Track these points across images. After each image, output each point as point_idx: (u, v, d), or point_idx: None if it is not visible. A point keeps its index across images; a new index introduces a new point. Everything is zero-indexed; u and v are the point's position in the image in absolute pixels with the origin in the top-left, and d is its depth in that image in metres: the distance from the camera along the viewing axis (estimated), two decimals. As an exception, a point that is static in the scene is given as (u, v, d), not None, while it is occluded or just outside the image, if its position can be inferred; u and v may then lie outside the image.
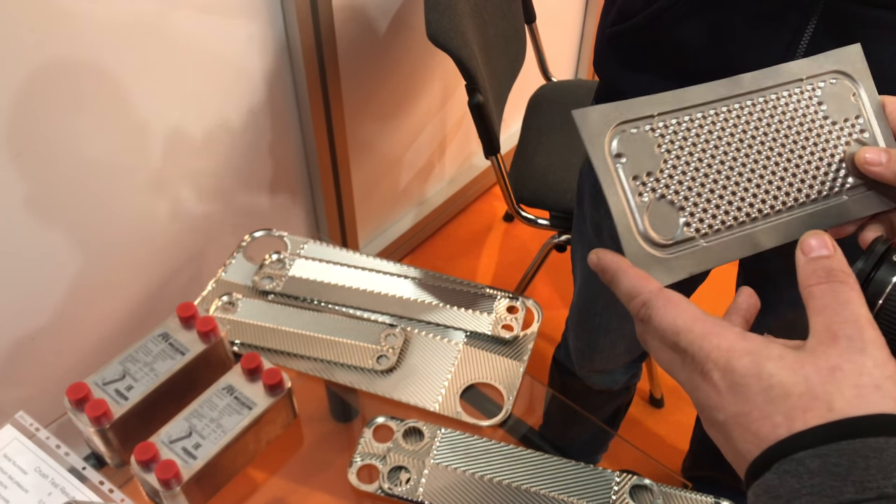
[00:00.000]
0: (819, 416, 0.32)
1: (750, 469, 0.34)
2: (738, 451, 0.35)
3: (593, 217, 0.92)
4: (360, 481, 0.68)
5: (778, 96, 0.46)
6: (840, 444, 0.31)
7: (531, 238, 2.01)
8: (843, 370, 0.33)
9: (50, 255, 1.09)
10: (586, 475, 0.69)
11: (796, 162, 0.45)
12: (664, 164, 0.43)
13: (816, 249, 0.38)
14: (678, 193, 0.43)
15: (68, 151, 1.04)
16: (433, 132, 1.79)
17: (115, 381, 0.67)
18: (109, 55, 1.02)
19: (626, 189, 0.42)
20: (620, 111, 0.42)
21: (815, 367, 0.34)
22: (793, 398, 0.33)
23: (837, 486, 0.30)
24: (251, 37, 1.19)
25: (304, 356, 0.79)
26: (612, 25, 0.74)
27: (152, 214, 1.21)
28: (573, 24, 2.10)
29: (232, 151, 1.28)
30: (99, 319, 1.22)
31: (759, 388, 0.34)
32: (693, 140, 0.43)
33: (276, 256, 0.89)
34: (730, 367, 0.35)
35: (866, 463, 0.31)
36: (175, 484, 0.61)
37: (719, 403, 0.36)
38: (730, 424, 0.35)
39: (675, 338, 0.38)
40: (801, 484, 0.31)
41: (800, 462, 0.32)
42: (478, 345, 0.80)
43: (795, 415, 0.33)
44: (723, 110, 0.44)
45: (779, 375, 0.34)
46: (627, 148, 0.42)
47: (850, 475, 0.30)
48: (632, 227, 0.42)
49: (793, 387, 0.33)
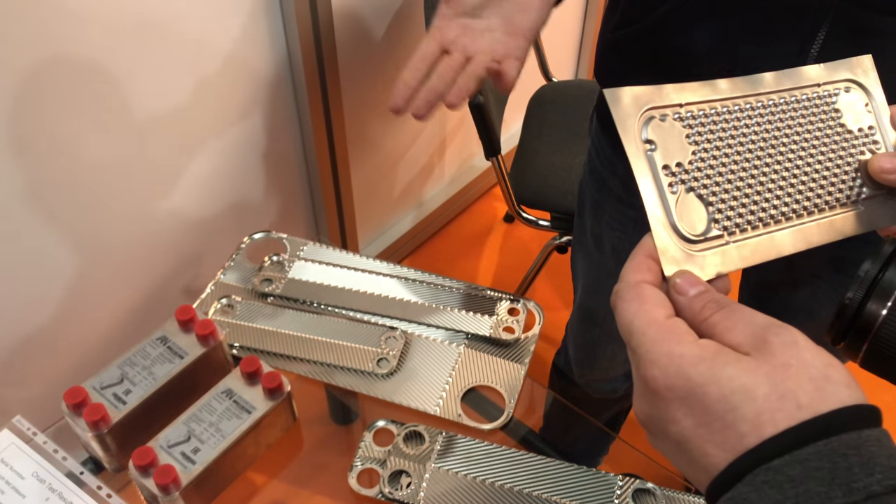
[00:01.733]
0: (789, 417, 0.31)
1: (716, 482, 0.32)
2: (698, 465, 0.33)
3: (593, 228, 0.91)
4: (360, 485, 0.68)
5: (797, 99, 0.45)
6: (818, 446, 0.30)
7: (532, 239, 2.00)
8: (793, 366, 0.32)
9: (48, 255, 1.09)
10: (589, 479, 0.68)
11: (816, 167, 0.45)
12: (693, 157, 0.41)
13: (693, 287, 0.38)
14: (706, 188, 0.41)
15: (68, 150, 1.03)
16: (433, 133, 1.79)
17: (113, 385, 0.66)
18: (110, 54, 1.01)
19: (659, 177, 0.40)
20: (651, 95, 0.41)
21: (771, 367, 0.32)
22: (759, 401, 0.31)
23: (824, 492, 0.29)
24: (251, 38, 1.19)
25: (303, 359, 0.78)
26: (614, 31, 0.73)
27: (151, 215, 1.21)
28: (574, 24, 2.10)
29: (231, 152, 1.28)
30: (97, 321, 1.22)
31: (718, 394, 0.32)
32: (720, 134, 0.42)
33: (276, 258, 0.89)
34: (683, 375, 0.33)
35: (847, 462, 0.29)
36: (174, 489, 0.60)
37: (670, 416, 0.34)
38: (686, 436, 0.33)
39: (628, 336, 0.37)
40: (783, 495, 0.29)
41: (778, 471, 0.30)
42: (479, 347, 0.80)
43: (763, 419, 0.31)
44: (747, 106, 0.43)
45: (739, 379, 0.32)
46: (658, 135, 0.41)
47: (835, 478, 0.29)
48: (663, 217, 0.40)
49: (756, 388, 0.32)
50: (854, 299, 0.39)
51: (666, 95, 0.41)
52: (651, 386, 0.35)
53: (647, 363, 0.35)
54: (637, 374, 0.36)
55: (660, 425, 0.35)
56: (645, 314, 0.36)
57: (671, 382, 0.34)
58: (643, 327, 0.36)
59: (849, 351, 0.40)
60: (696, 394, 0.33)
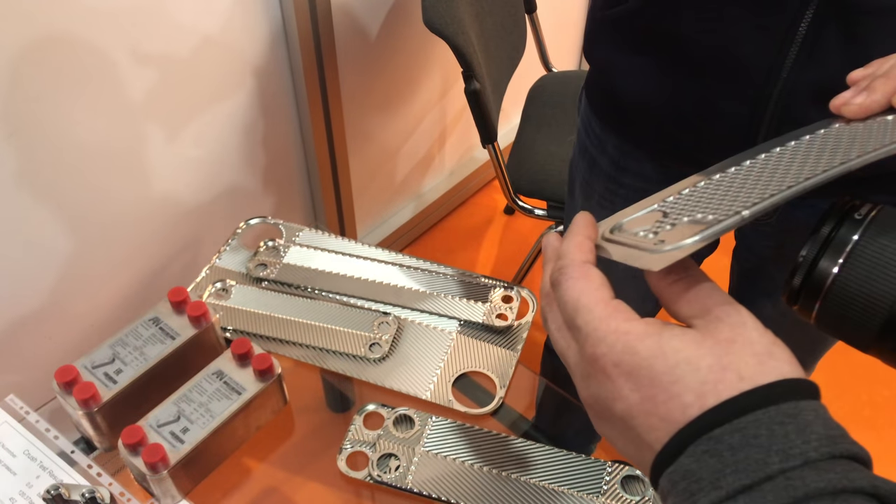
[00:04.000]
0: (731, 387, 0.31)
1: (660, 457, 0.32)
2: (643, 441, 0.33)
3: (584, 207, 0.92)
4: (349, 468, 0.68)
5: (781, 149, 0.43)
6: (756, 414, 0.30)
7: (531, 231, 2.00)
8: (737, 342, 0.33)
9: (42, 238, 1.09)
10: (578, 465, 0.68)
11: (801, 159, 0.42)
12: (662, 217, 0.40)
13: None
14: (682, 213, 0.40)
15: (62, 133, 1.03)
16: (433, 123, 1.78)
17: (104, 365, 0.67)
18: (105, 38, 1.01)
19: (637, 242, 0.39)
20: None
21: (715, 341, 0.33)
22: (702, 371, 0.32)
23: (762, 459, 0.29)
24: (248, 24, 1.19)
25: (296, 343, 0.78)
26: (601, 10, 0.73)
27: (147, 200, 1.21)
28: (575, 13, 2.09)
29: (228, 139, 1.28)
30: (91, 305, 1.22)
31: (664, 366, 0.33)
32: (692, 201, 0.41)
33: (271, 244, 0.89)
34: (630, 350, 0.34)
35: (784, 430, 0.30)
36: (162, 468, 0.61)
37: (616, 392, 0.34)
38: (632, 413, 0.34)
39: (573, 314, 0.37)
40: (723, 463, 0.30)
41: (718, 440, 0.30)
42: (471, 333, 0.80)
43: (706, 389, 0.32)
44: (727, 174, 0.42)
45: (685, 351, 0.33)
46: None
47: (772, 445, 0.30)
48: None
49: (700, 359, 0.32)
50: (807, 257, 0.39)
51: None
52: (599, 364, 0.35)
53: (595, 340, 0.35)
54: (582, 354, 0.36)
55: (605, 404, 0.35)
56: (593, 293, 0.36)
57: (618, 358, 0.34)
58: (590, 305, 0.36)
59: (803, 310, 0.40)
60: (641, 367, 0.33)
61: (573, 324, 0.37)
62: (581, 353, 0.36)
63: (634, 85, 0.72)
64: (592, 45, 0.77)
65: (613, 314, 0.35)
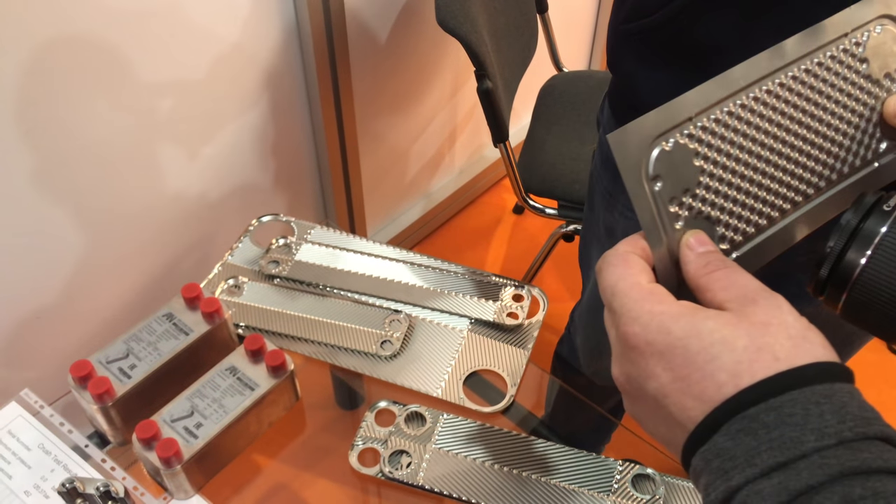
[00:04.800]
0: (766, 368, 0.32)
1: (693, 436, 0.33)
2: (675, 420, 0.34)
3: (606, 219, 0.91)
4: (360, 464, 0.68)
5: (820, 61, 0.42)
6: (792, 394, 0.31)
7: (540, 231, 2.00)
8: (773, 324, 0.33)
9: (58, 234, 1.10)
10: (588, 463, 0.68)
11: (832, 137, 0.42)
12: (701, 177, 0.40)
13: (701, 245, 0.39)
14: (714, 205, 0.41)
15: (77, 131, 1.04)
16: (443, 122, 1.79)
17: (118, 360, 0.67)
18: (119, 35, 1.02)
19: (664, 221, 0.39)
20: (658, 119, 0.39)
21: (750, 323, 0.33)
22: (737, 351, 0.32)
23: (797, 437, 0.30)
24: (263, 25, 1.19)
25: (308, 340, 0.79)
26: (624, 23, 0.72)
27: (160, 197, 1.22)
28: (586, 13, 2.09)
29: (241, 136, 1.28)
30: (105, 300, 1.23)
31: (699, 346, 0.33)
32: (731, 138, 0.40)
33: (283, 241, 0.89)
34: (664, 329, 0.34)
35: (820, 409, 0.30)
36: (175, 462, 0.61)
37: (649, 371, 0.35)
38: (664, 391, 0.34)
39: (611, 298, 0.37)
40: (758, 441, 0.30)
41: (753, 418, 0.31)
42: (482, 332, 0.80)
43: (741, 369, 0.32)
44: (762, 93, 0.41)
45: (720, 331, 0.33)
46: (664, 167, 0.39)
47: (807, 424, 0.30)
48: (666, 256, 0.39)
49: (735, 340, 0.33)
50: (834, 248, 0.39)
51: (675, 112, 0.39)
52: (631, 342, 0.35)
53: (629, 320, 0.36)
54: (617, 334, 0.37)
55: (637, 383, 0.36)
56: (630, 277, 0.37)
57: (651, 338, 0.35)
58: (626, 289, 0.37)
59: (829, 301, 0.40)
60: (675, 347, 0.34)
61: (611, 307, 0.38)
62: (617, 334, 0.37)
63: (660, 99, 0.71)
64: (615, 58, 0.76)
65: (648, 296, 0.36)
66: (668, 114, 0.39)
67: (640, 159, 0.38)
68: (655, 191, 0.39)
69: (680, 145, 0.39)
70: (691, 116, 0.39)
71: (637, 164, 0.38)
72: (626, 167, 0.38)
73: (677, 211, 0.40)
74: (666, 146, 0.39)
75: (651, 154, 0.38)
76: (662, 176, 0.39)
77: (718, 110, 0.40)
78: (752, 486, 0.30)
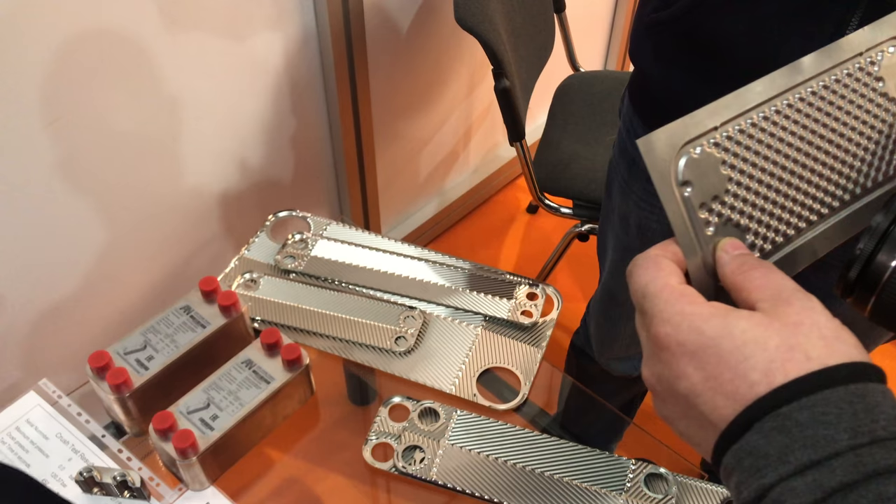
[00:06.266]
0: (799, 367, 0.32)
1: (725, 435, 0.33)
2: (706, 420, 0.34)
3: (621, 207, 0.91)
4: (374, 459, 0.69)
5: (837, 78, 0.43)
6: (825, 393, 0.31)
7: (554, 230, 2.00)
8: (805, 324, 0.33)
9: (78, 225, 1.11)
10: (601, 461, 0.68)
11: (854, 152, 0.43)
12: (729, 184, 0.41)
13: (736, 248, 0.39)
14: (743, 213, 0.41)
15: (100, 123, 1.05)
16: (459, 121, 1.79)
17: (136, 351, 0.68)
18: (143, 31, 1.03)
19: (696, 226, 0.40)
20: (685, 130, 0.39)
21: (782, 323, 0.33)
22: (770, 350, 0.32)
23: (830, 435, 0.30)
24: (282, 22, 1.20)
25: (323, 335, 0.79)
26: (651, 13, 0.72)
27: (179, 191, 1.23)
28: (604, 13, 2.08)
29: (259, 132, 1.29)
30: (123, 292, 1.24)
31: (731, 346, 0.33)
32: (755, 148, 0.41)
33: (299, 236, 0.90)
34: (696, 330, 0.34)
35: (853, 409, 0.30)
36: (191, 453, 0.62)
37: (680, 371, 0.35)
38: (696, 391, 0.34)
39: (641, 300, 0.37)
40: (791, 439, 0.30)
41: (787, 416, 0.31)
42: (496, 329, 0.80)
43: (774, 367, 0.32)
44: (783, 106, 0.42)
45: (752, 331, 0.33)
46: (693, 173, 0.39)
47: (841, 423, 0.30)
48: (701, 265, 0.40)
49: (767, 339, 0.33)
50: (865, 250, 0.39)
51: (700, 122, 0.40)
52: (663, 343, 0.35)
53: (660, 321, 0.36)
54: (648, 336, 0.37)
55: (668, 383, 0.36)
56: (660, 279, 0.37)
57: (683, 338, 0.35)
58: (657, 291, 0.37)
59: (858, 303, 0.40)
60: (707, 346, 0.34)
61: (642, 309, 0.38)
62: (648, 335, 0.37)
63: (675, 95, 0.72)
64: (636, 49, 0.77)
65: (679, 298, 0.36)
66: (693, 122, 0.40)
67: (670, 164, 0.39)
68: (686, 196, 0.39)
69: (707, 153, 0.40)
70: (716, 126, 0.40)
71: (667, 169, 0.39)
72: (657, 171, 0.38)
73: (707, 217, 0.40)
74: (693, 153, 0.39)
75: (680, 160, 0.39)
76: (692, 182, 0.39)
77: (742, 121, 0.41)
78: (785, 484, 0.30)
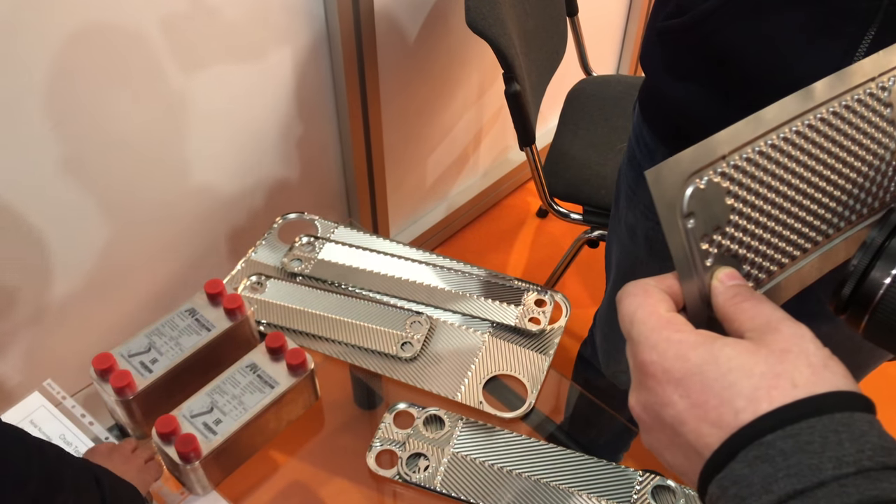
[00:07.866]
0: (784, 395, 0.31)
1: (710, 463, 0.32)
2: (692, 448, 0.33)
3: (628, 217, 0.91)
4: (378, 466, 0.68)
5: (847, 104, 0.43)
6: (810, 421, 0.30)
7: (563, 235, 1.99)
8: (793, 352, 0.33)
9: (82, 226, 1.11)
10: (608, 473, 0.67)
11: (854, 178, 0.43)
12: (731, 215, 0.40)
13: (732, 279, 0.39)
14: (742, 244, 0.41)
15: (106, 124, 1.05)
16: (469, 125, 1.78)
17: (140, 354, 0.67)
18: (150, 31, 1.03)
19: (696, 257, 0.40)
20: (693, 161, 0.39)
21: (769, 350, 0.33)
22: (755, 378, 0.32)
23: (815, 465, 0.29)
24: (291, 23, 1.19)
25: (329, 339, 0.78)
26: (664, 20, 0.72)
27: (186, 192, 1.22)
28: (616, 18, 2.07)
29: (268, 135, 1.29)
30: (129, 294, 1.24)
31: (717, 373, 0.33)
32: (760, 177, 0.41)
33: (306, 239, 0.89)
34: (682, 357, 0.34)
35: (838, 438, 0.30)
36: (194, 458, 0.61)
37: (665, 398, 0.34)
38: (681, 419, 0.33)
39: (629, 326, 0.37)
40: (774, 468, 0.30)
41: (770, 445, 0.30)
42: (503, 336, 0.79)
43: (760, 395, 0.31)
44: (792, 133, 0.41)
45: (738, 358, 0.33)
46: (698, 204, 0.39)
47: (826, 452, 0.29)
48: (697, 294, 0.40)
49: (753, 367, 0.32)
50: (859, 266, 0.38)
51: (710, 150, 0.40)
52: (649, 370, 0.35)
53: (646, 349, 0.35)
54: (634, 363, 0.37)
55: (654, 411, 0.35)
56: (648, 307, 0.37)
57: (668, 365, 0.34)
58: (644, 317, 0.36)
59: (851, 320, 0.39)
60: (693, 374, 0.33)
61: (629, 336, 0.37)
62: (634, 363, 0.37)
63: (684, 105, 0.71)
64: (646, 57, 0.76)
65: (666, 325, 0.36)
66: (702, 151, 0.39)
67: (676, 196, 0.39)
68: (688, 228, 0.39)
69: (713, 183, 0.39)
70: (724, 155, 0.40)
71: (673, 201, 0.38)
72: (663, 204, 0.38)
73: (707, 248, 0.40)
74: (700, 184, 0.39)
75: (686, 191, 0.39)
76: (696, 213, 0.39)
77: (750, 149, 0.40)
78: None
